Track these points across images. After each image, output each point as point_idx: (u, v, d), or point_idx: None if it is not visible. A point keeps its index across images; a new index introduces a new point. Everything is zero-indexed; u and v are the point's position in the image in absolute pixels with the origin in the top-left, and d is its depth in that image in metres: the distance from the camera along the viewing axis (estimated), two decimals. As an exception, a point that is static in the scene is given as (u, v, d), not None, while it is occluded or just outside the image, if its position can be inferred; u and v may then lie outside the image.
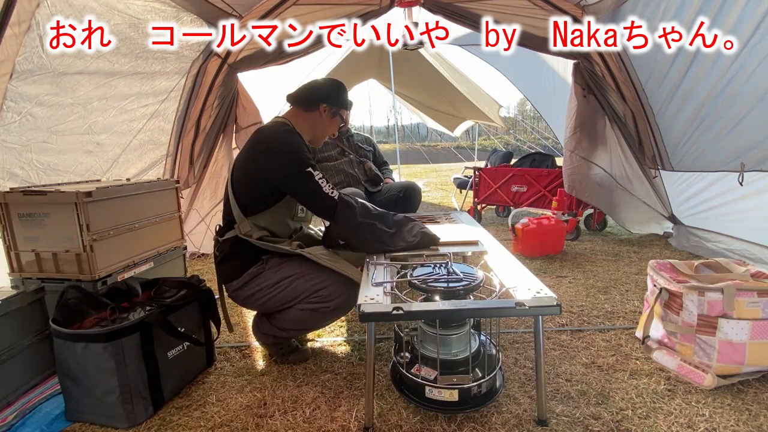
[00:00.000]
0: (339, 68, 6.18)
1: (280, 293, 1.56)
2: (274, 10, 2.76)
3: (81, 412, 1.40)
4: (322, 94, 1.68)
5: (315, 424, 1.34)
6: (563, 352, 1.73)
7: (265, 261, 1.59)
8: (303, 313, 1.57)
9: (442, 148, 16.58)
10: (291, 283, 1.55)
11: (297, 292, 1.54)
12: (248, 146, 1.62)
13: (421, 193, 2.93)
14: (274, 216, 1.62)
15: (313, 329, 1.82)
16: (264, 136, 1.59)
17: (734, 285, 1.45)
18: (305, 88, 1.71)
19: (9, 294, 1.51)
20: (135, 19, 2.26)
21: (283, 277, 1.56)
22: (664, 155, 3.06)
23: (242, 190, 1.60)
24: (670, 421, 1.30)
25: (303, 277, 1.54)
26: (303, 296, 1.54)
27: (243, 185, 1.60)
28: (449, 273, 1.40)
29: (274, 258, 1.60)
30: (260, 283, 1.58)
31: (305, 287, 1.54)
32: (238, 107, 3.18)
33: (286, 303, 1.58)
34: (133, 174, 2.88)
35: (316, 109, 1.67)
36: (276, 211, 1.62)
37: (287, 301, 1.57)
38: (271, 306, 1.61)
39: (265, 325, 1.68)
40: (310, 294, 1.54)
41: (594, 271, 2.73)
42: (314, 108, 1.67)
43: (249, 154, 1.60)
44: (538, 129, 11.62)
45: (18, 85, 1.98)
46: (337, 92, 1.70)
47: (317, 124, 1.70)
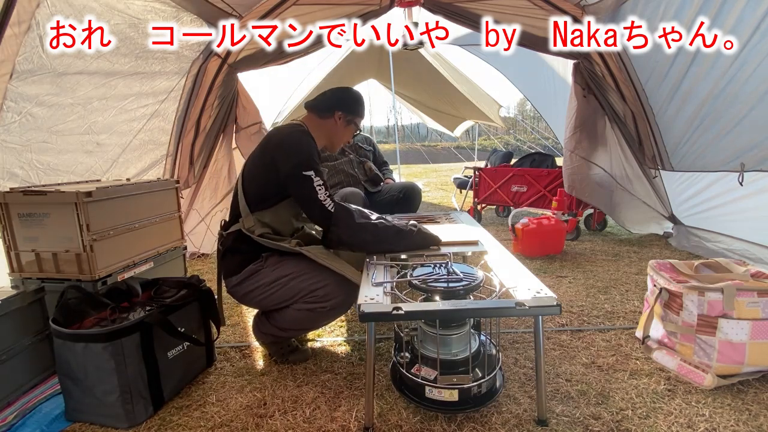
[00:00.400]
0: (339, 68, 6.19)
1: (277, 291, 1.56)
2: (274, 10, 2.76)
3: (81, 412, 1.40)
4: (339, 102, 1.70)
5: (315, 424, 1.34)
6: (563, 352, 1.73)
7: (265, 258, 1.60)
8: (300, 312, 1.57)
9: (442, 148, 16.58)
10: (288, 282, 1.55)
11: (294, 291, 1.54)
12: (263, 141, 1.66)
13: (421, 194, 2.93)
14: (277, 214, 1.63)
15: (311, 329, 1.82)
16: (279, 133, 1.62)
17: (734, 285, 1.45)
18: (323, 95, 1.74)
19: (9, 294, 1.51)
20: (135, 19, 2.26)
21: (281, 276, 1.56)
22: (664, 155, 3.06)
23: (251, 185, 1.61)
24: (670, 421, 1.30)
25: (300, 277, 1.54)
26: (300, 296, 1.54)
27: (252, 179, 1.61)
28: (449, 273, 1.40)
29: (273, 256, 1.60)
30: (258, 280, 1.58)
31: (302, 287, 1.54)
32: (238, 107, 3.18)
33: (283, 302, 1.58)
34: (133, 174, 2.88)
35: (331, 116, 1.70)
36: (280, 209, 1.62)
37: (284, 299, 1.57)
38: (268, 304, 1.61)
39: (265, 325, 1.68)
40: (306, 293, 1.53)
41: (594, 271, 2.73)
42: (330, 115, 1.70)
43: (262, 148, 1.63)
44: (538, 129, 11.62)
45: (18, 85, 1.98)
46: (353, 101, 1.73)
47: (332, 131, 1.73)
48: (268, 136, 1.66)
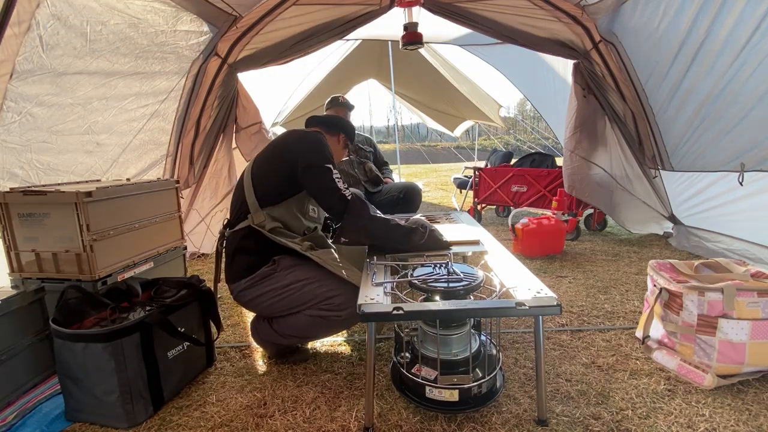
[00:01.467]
0: (339, 68, 6.19)
1: (290, 296, 1.54)
2: (274, 10, 2.76)
3: (81, 412, 1.40)
4: (344, 127, 1.90)
5: (315, 424, 1.34)
6: (563, 352, 1.73)
7: (277, 262, 1.57)
8: (311, 318, 1.55)
9: (442, 148, 16.58)
10: (303, 287, 1.53)
11: (308, 296, 1.53)
12: (280, 138, 1.70)
13: (422, 194, 2.93)
14: (288, 209, 1.63)
15: (315, 338, 1.79)
16: (298, 131, 1.73)
17: (734, 285, 1.45)
18: (330, 118, 1.95)
19: (9, 294, 1.51)
20: (135, 19, 2.26)
21: (295, 280, 1.54)
22: (664, 155, 3.06)
23: (262, 179, 1.61)
24: (670, 421, 1.30)
25: (316, 282, 1.53)
26: (314, 301, 1.53)
27: (263, 175, 1.62)
28: (449, 273, 1.40)
29: (285, 259, 1.58)
30: (269, 284, 1.56)
31: (317, 293, 1.52)
32: (238, 107, 3.18)
33: (295, 307, 1.56)
34: (133, 174, 2.88)
35: (336, 135, 1.87)
36: (290, 204, 1.64)
37: (297, 305, 1.55)
38: (279, 309, 1.59)
39: (266, 331, 1.66)
40: (322, 300, 1.52)
41: (594, 271, 2.73)
42: (336, 133, 1.87)
43: (278, 146, 1.66)
44: (538, 129, 11.62)
45: (18, 85, 1.98)
46: (352, 130, 1.94)
47: (334, 147, 1.84)
48: (286, 134, 1.72)
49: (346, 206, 1.52)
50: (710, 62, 2.35)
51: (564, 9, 2.77)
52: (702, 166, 2.87)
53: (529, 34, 2.95)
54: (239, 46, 2.89)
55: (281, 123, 6.48)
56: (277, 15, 2.79)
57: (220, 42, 2.81)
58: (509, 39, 3.02)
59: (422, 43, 3.00)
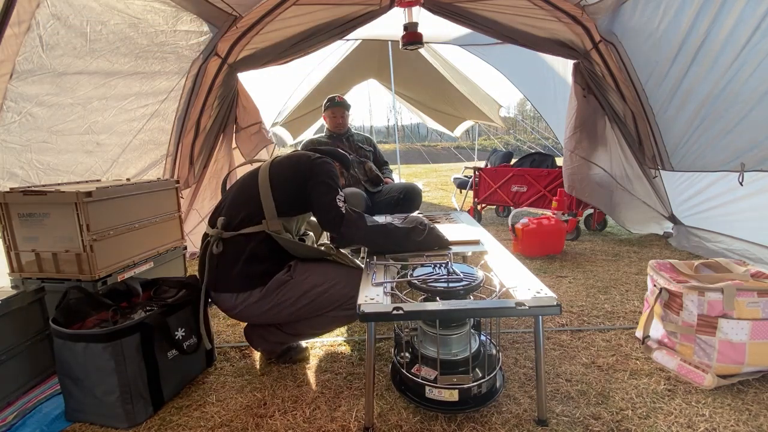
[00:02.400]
0: (339, 68, 6.19)
1: (315, 301, 1.53)
2: (274, 10, 2.76)
3: (81, 412, 1.40)
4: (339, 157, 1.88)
5: (315, 424, 1.34)
6: (563, 352, 1.73)
7: (292, 267, 1.55)
8: (334, 318, 1.59)
9: (442, 148, 16.59)
10: (327, 291, 1.53)
11: (334, 298, 1.54)
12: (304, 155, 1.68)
13: (422, 194, 2.93)
14: (289, 224, 1.64)
15: (327, 332, 1.81)
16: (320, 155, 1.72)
17: (734, 285, 1.45)
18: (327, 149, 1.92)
19: (9, 294, 1.51)
20: (135, 19, 2.26)
21: (315, 285, 1.53)
22: (664, 155, 3.06)
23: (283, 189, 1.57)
24: (670, 421, 1.30)
25: (339, 284, 1.54)
26: (339, 302, 1.54)
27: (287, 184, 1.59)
28: (449, 273, 1.40)
29: (299, 265, 1.56)
30: (287, 292, 1.52)
31: (342, 293, 1.53)
32: (238, 107, 3.18)
33: (319, 310, 1.56)
34: (133, 174, 2.88)
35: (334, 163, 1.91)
36: (296, 220, 1.68)
37: (322, 308, 1.55)
38: (297, 316, 1.56)
39: (275, 334, 1.66)
40: (346, 300, 1.53)
41: (594, 271, 2.73)
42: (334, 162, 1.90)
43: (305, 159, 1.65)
44: (538, 129, 11.61)
45: (18, 85, 1.98)
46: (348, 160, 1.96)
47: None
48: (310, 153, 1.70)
49: (343, 218, 1.53)
50: (710, 62, 2.35)
51: (564, 9, 2.77)
52: (702, 166, 2.87)
53: (529, 34, 2.95)
54: (239, 46, 2.89)
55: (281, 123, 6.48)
56: (277, 15, 2.79)
57: (220, 42, 2.81)
58: (509, 39, 3.02)
59: (422, 43, 3.00)
